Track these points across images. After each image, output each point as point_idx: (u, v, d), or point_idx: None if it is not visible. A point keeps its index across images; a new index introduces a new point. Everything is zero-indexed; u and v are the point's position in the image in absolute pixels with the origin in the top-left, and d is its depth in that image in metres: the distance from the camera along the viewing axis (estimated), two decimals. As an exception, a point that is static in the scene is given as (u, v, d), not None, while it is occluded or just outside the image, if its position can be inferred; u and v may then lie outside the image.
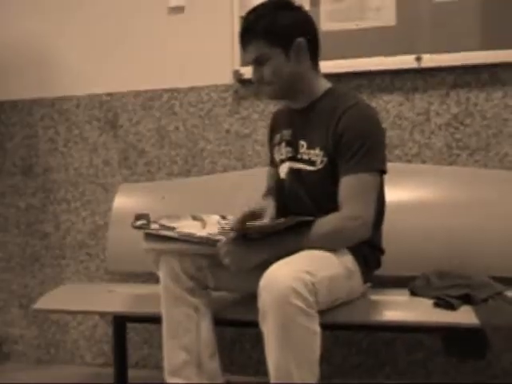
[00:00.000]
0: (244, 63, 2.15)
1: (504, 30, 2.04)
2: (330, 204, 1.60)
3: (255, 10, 1.65)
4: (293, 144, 1.71)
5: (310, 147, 1.66)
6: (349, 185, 1.57)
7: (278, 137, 1.79)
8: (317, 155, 1.64)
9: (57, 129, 2.53)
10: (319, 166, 1.63)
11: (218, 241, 1.58)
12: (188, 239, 1.59)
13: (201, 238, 1.60)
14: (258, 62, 1.65)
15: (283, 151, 1.75)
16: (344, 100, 1.63)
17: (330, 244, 1.56)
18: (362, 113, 1.61)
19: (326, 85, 1.71)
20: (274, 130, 1.85)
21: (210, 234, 1.62)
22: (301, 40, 1.62)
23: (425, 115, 2.14)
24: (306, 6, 2.16)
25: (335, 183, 1.60)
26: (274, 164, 1.83)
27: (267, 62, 1.63)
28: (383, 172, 1.63)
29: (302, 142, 1.68)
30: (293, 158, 1.71)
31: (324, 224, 1.56)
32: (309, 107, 1.69)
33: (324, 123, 1.63)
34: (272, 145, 1.84)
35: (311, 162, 1.65)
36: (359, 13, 2.16)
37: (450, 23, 2.07)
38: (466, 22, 2.06)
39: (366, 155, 1.56)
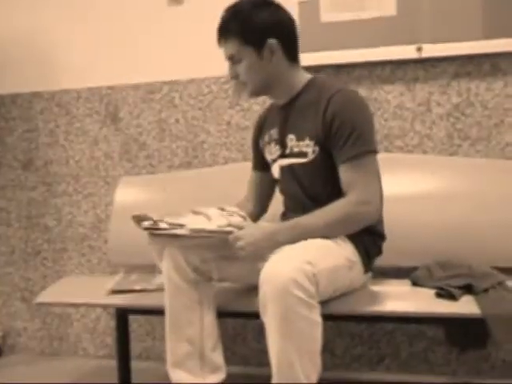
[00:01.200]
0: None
1: (505, 20, 2.03)
2: (327, 194, 1.61)
3: (232, 7, 1.66)
4: (281, 141, 1.72)
5: (299, 139, 1.66)
6: (349, 171, 1.58)
7: (266, 138, 1.80)
8: (307, 145, 1.64)
9: (57, 122, 2.52)
10: (311, 157, 1.64)
11: (229, 232, 1.57)
12: (200, 235, 1.59)
13: (212, 231, 1.59)
14: (232, 60, 1.67)
15: (273, 151, 1.76)
16: (327, 88, 1.63)
17: (341, 229, 1.58)
18: (347, 98, 1.61)
19: (306, 77, 1.71)
20: (260, 132, 1.85)
21: (220, 226, 1.61)
22: (272, 41, 1.62)
23: (426, 105, 2.14)
24: (306, -3, 2.17)
25: (331, 172, 1.61)
26: (260, 167, 1.85)
27: (241, 61, 1.65)
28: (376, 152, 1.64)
29: (291, 136, 1.68)
30: (282, 155, 1.72)
31: (335, 210, 1.56)
32: (291, 101, 1.70)
33: (310, 113, 1.63)
34: (260, 147, 1.85)
35: (303, 154, 1.65)
36: (359, 3, 2.14)
37: (451, 13, 2.06)
38: (466, 11, 2.05)
39: (359, 139, 1.57)
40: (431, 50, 2.08)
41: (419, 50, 2.09)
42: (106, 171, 2.47)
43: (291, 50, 1.67)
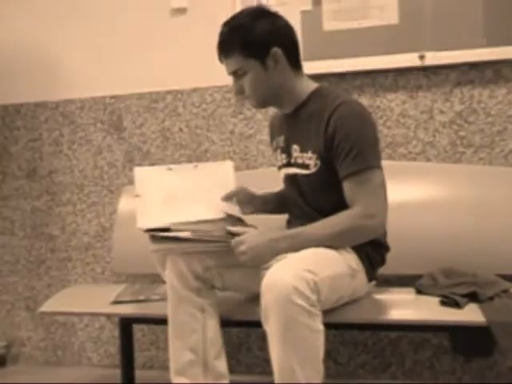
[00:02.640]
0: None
1: (507, 27, 2.03)
2: (329, 206, 1.60)
3: (229, 22, 1.64)
4: (286, 150, 1.72)
5: (302, 151, 1.66)
6: (352, 186, 1.56)
7: (274, 143, 1.82)
8: (310, 158, 1.63)
9: (61, 131, 2.53)
10: (313, 170, 1.63)
11: (232, 236, 1.57)
12: (203, 239, 1.58)
13: (215, 235, 1.59)
14: (236, 75, 1.65)
15: (279, 158, 1.77)
16: (331, 100, 1.61)
17: (345, 241, 1.57)
18: (350, 111, 1.58)
19: (311, 86, 1.69)
20: (271, 136, 1.87)
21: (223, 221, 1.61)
22: (276, 50, 1.61)
23: (428, 113, 2.14)
24: (308, 6, 2.18)
25: (334, 185, 1.60)
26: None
27: (245, 75, 1.63)
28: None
29: (295, 146, 1.68)
30: (288, 164, 1.72)
31: (339, 221, 1.55)
32: (296, 111, 1.69)
33: (314, 125, 1.62)
34: (273, 150, 1.86)
35: (305, 166, 1.65)
36: (362, 11, 2.15)
37: (453, 21, 2.07)
38: (468, 19, 2.06)
39: (360, 154, 1.54)
40: (434, 58, 2.09)
41: (422, 57, 2.10)
42: (109, 180, 2.48)
43: (294, 58, 1.66)
